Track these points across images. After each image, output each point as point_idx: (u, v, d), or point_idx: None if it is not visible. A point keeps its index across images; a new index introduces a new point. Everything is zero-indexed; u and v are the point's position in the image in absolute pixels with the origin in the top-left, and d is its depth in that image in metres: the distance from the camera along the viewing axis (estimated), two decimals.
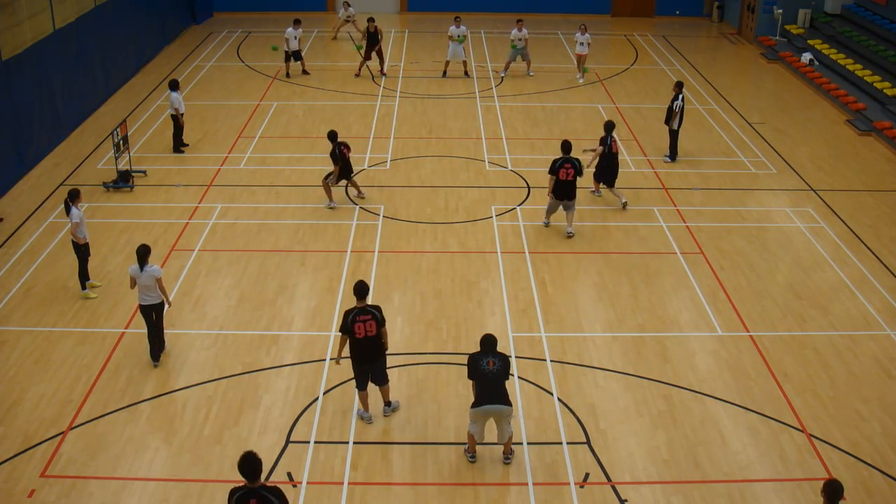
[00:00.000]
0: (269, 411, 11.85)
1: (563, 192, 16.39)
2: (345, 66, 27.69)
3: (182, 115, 20.23)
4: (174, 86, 20.14)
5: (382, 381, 11.65)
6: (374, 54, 26.46)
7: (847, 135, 22.62)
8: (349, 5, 30.81)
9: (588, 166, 17.73)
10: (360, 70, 26.60)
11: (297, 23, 26.36)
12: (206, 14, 33.57)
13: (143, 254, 12.44)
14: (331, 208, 17.57)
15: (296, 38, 26.04)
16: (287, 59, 26.31)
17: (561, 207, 16.67)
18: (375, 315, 11.22)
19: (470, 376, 10.72)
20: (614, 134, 17.96)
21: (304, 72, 26.71)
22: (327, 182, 17.68)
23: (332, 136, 17.67)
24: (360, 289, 11.31)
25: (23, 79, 19.37)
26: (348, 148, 17.77)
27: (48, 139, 20.47)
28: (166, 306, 12.87)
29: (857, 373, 12.90)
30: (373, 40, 25.96)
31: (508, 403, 10.54)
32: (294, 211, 17.62)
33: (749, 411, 12.00)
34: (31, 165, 19.26)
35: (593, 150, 18.13)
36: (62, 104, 21.26)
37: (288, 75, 26.38)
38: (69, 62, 21.79)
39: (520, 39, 26.21)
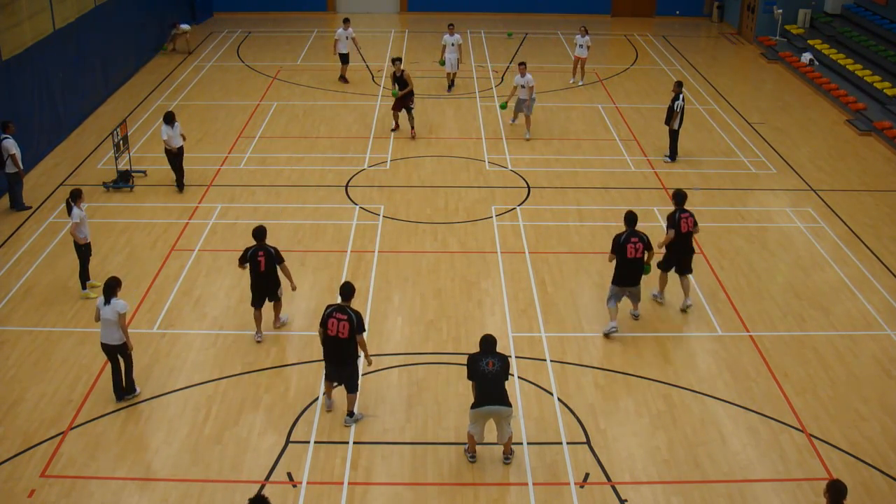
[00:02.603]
0: (269, 411, 11.85)
1: (629, 274, 13.34)
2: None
3: (175, 148, 17.89)
4: (167, 118, 17.88)
5: (350, 388, 11.51)
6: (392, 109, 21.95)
7: (847, 135, 22.62)
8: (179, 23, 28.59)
9: (660, 247, 14.12)
10: (395, 123, 21.96)
11: (346, 22, 25.41)
12: (206, 14, 33.57)
13: (110, 286, 11.51)
14: (257, 341, 13.38)
15: (347, 38, 25.10)
16: (344, 62, 25.64)
17: (626, 295, 13.68)
18: (352, 318, 11.08)
19: (470, 377, 10.72)
20: (687, 207, 14.05)
21: (342, 78, 25.69)
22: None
23: (257, 233, 13.02)
24: (346, 289, 11.38)
25: (23, 79, 19.37)
26: (272, 257, 12.93)
27: (48, 139, 20.48)
28: (129, 349, 11.76)
29: (857, 373, 12.90)
30: (402, 84, 21.08)
31: (508, 404, 10.54)
32: (294, 211, 17.62)
33: (749, 411, 11.99)
34: (31, 165, 19.25)
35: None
36: (62, 104, 21.26)
37: (344, 79, 25.78)
38: (69, 62, 21.79)
39: (522, 87, 20.83)
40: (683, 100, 19.82)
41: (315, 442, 11.30)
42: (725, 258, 16.04)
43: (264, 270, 12.99)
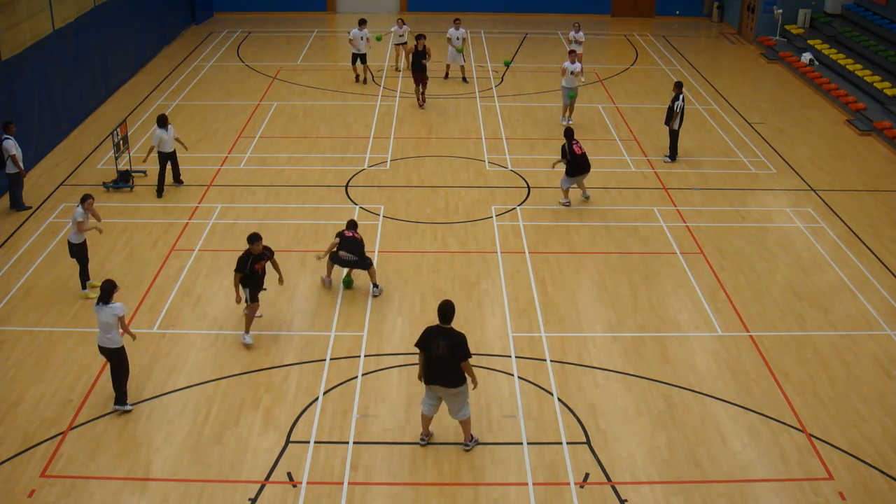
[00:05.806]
0: (269, 411, 11.85)
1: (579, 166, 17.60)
2: (345, 66, 27.67)
3: (167, 152, 17.98)
4: (160, 121, 18.03)
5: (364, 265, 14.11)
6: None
7: (847, 135, 22.62)
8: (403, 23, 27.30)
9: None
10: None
11: (362, 23, 25.29)
12: (206, 14, 33.57)
13: (107, 289, 11.38)
14: (247, 344, 13.23)
15: (362, 38, 25.03)
16: (354, 62, 25.60)
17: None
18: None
19: (419, 347, 10.78)
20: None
21: (364, 79, 25.81)
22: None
23: (253, 239, 13.05)
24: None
25: (23, 79, 19.37)
26: (270, 257, 13.34)
27: (48, 139, 20.48)
28: (126, 353, 11.68)
29: (857, 373, 12.90)
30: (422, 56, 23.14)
31: (454, 384, 10.66)
32: (294, 211, 17.62)
33: (749, 411, 11.99)
34: (31, 165, 19.25)
35: None
36: (62, 104, 21.26)
37: (364, 80, 25.79)
38: (69, 62, 21.79)
39: (457, 39, 24.92)
40: (683, 100, 19.83)
41: (315, 442, 11.30)
42: (725, 258, 16.04)
43: (261, 273, 13.27)
